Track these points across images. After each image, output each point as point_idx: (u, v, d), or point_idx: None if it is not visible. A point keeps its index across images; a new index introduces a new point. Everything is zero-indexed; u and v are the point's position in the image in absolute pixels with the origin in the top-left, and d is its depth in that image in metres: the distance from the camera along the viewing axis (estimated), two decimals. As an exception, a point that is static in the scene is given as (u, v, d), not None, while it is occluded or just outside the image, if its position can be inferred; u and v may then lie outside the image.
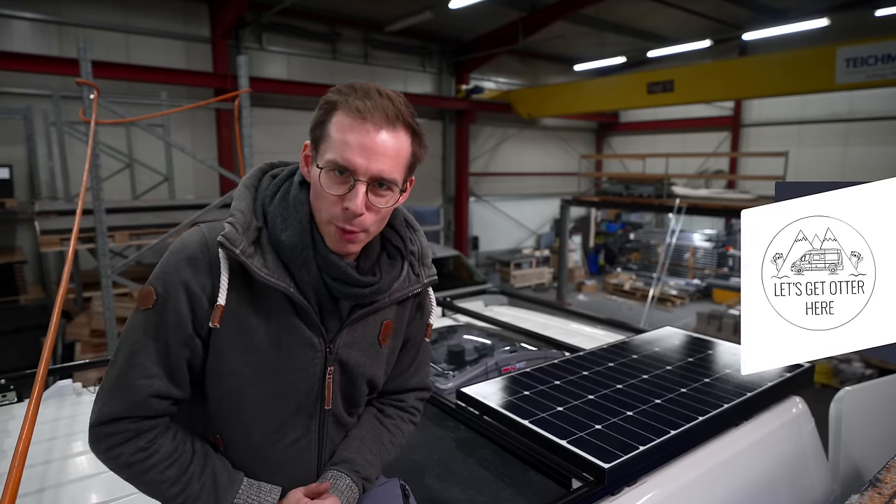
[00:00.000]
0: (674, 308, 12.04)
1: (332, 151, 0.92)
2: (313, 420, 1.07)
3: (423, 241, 1.16)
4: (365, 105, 0.91)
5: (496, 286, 7.09)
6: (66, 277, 2.00)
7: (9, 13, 7.84)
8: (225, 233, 0.93)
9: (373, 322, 1.09)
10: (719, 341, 2.18)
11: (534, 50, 13.57)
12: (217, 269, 0.95)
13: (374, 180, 0.93)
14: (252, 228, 0.97)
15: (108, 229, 4.21)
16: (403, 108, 0.95)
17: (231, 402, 1.01)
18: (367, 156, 0.91)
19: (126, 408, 0.94)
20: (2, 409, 1.92)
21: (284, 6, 9.61)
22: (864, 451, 1.90)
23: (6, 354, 4.82)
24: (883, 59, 7.38)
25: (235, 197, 1.01)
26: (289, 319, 0.99)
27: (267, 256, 0.97)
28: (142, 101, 7.65)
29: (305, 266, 0.97)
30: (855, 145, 12.05)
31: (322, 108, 0.95)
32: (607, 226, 16.52)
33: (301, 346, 1.01)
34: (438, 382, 2.00)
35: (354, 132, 0.91)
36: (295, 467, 1.07)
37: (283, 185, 1.04)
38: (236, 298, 0.96)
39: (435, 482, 1.38)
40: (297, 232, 0.97)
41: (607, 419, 1.52)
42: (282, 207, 1.00)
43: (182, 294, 0.94)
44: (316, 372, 1.03)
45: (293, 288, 0.97)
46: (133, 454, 0.94)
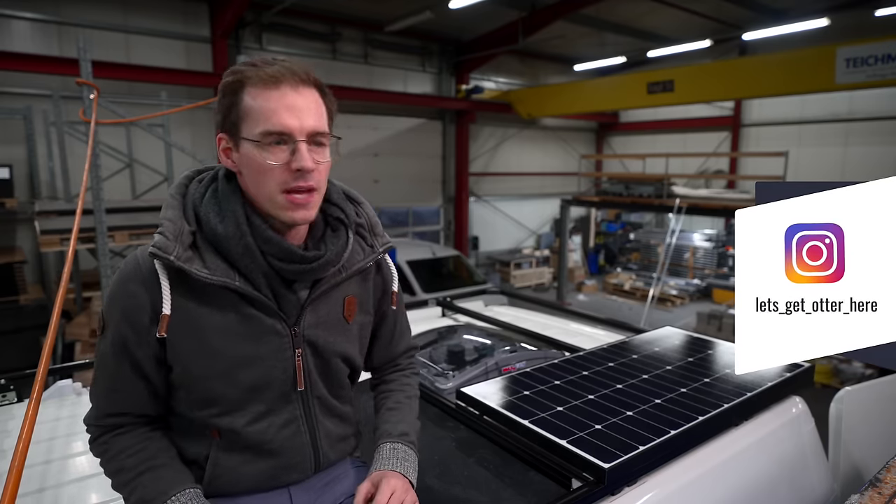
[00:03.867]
0: (674, 308, 12.04)
1: (261, 123, 0.92)
2: (296, 405, 1.08)
3: (370, 212, 1.17)
4: (274, 70, 0.93)
5: (496, 286, 7.09)
6: (66, 277, 2.00)
7: (9, 13, 7.84)
8: (155, 243, 0.93)
9: (334, 299, 1.09)
10: (719, 341, 2.18)
11: (534, 50, 13.57)
12: (156, 282, 0.94)
13: (310, 137, 0.95)
14: (185, 233, 0.96)
15: (108, 229, 4.21)
16: (308, 68, 0.97)
17: (209, 403, 1.02)
18: (296, 114, 0.93)
19: (92, 416, 1.04)
20: (2, 409, 1.92)
21: (284, 6, 9.60)
22: (864, 451, 1.90)
23: (6, 354, 4.83)
24: (883, 59, 7.37)
25: (163, 208, 1.00)
26: (244, 311, 0.99)
27: (206, 256, 0.96)
28: (142, 101, 7.65)
29: (249, 254, 0.97)
30: (855, 145, 12.05)
31: (227, 94, 0.96)
32: (607, 226, 16.51)
33: (265, 335, 1.01)
34: (438, 382, 2.00)
35: (275, 98, 0.92)
36: (288, 455, 1.09)
37: (211, 184, 1.04)
38: (184, 306, 0.96)
39: (435, 482, 1.38)
40: (232, 221, 0.97)
41: (607, 419, 1.51)
42: (213, 203, 1.00)
43: (120, 318, 0.96)
44: (287, 357, 1.04)
45: (239, 281, 0.97)
46: (100, 446, 1.03)
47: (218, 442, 1.05)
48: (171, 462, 1.03)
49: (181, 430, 1.09)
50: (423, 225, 13.52)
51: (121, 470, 1.00)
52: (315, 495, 1.14)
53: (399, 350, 1.30)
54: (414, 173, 13.16)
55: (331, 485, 1.17)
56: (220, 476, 1.06)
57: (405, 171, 13.01)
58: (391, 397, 1.25)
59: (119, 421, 1.03)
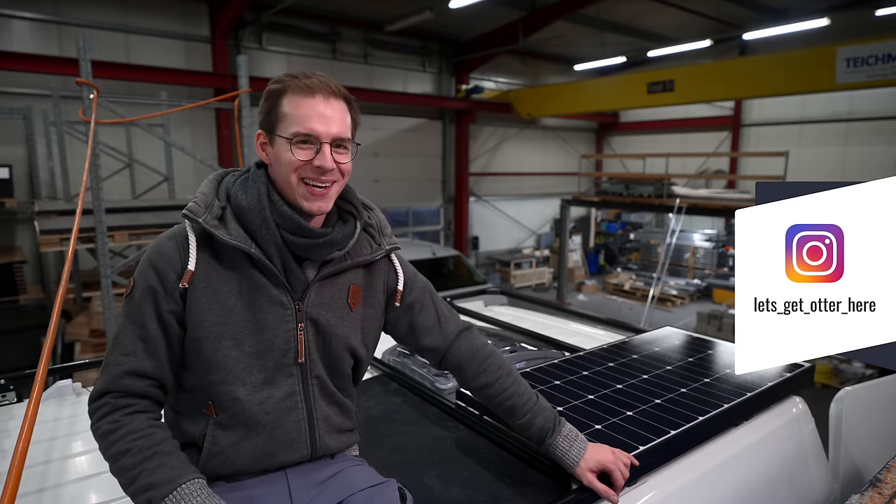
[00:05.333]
0: (674, 308, 12.05)
1: (295, 125, 1.08)
2: (295, 380, 1.15)
3: (382, 217, 1.31)
4: (312, 82, 1.10)
5: (496, 286, 7.08)
6: (66, 277, 2.00)
7: (9, 13, 7.84)
8: (188, 207, 1.08)
9: (340, 284, 1.20)
10: (719, 341, 2.18)
11: (534, 50, 13.57)
12: (185, 246, 1.08)
13: (334, 141, 1.10)
14: (215, 206, 1.11)
15: (107, 229, 4.21)
16: (340, 85, 1.14)
17: (213, 366, 1.08)
18: (325, 121, 1.09)
19: (107, 383, 1.05)
20: (2, 409, 1.92)
21: (284, 6, 9.61)
22: (864, 451, 1.90)
23: (6, 354, 4.83)
24: (883, 59, 7.38)
25: (198, 190, 1.15)
26: (256, 279, 1.11)
27: (230, 225, 1.10)
28: (142, 101, 7.65)
29: (265, 225, 1.10)
30: (855, 145, 12.05)
31: (271, 98, 1.11)
32: (607, 226, 16.52)
33: (271, 305, 1.11)
34: (438, 382, 2.00)
35: (309, 105, 1.09)
36: (284, 429, 1.13)
37: (245, 173, 1.19)
38: (206, 266, 1.08)
39: (435, 482, 1.38)
40: (255, 196, 1.11)
41: (607, 419, 1.52)
42: (242, 184, 1.15)
43: (152, 273, 1.07)
44: (289, 329, 1.13)
45: (254, 248, 1.09)
46: (108, 424, 1.02)
47: (215, 419, 1.10)
48: (176, 451, 1.04)
49: (180, 409, 1.14)
50: (423, 225, 13.53)
51: (127, 451, 1.00)
52: (314, 492, 1.14)
53: (451, 329, 1.34)
54: (414, 173, 13.17)
55: (330, 481, 1.17)
56: (216, 455, 1.10)
57: (405, 171, 13.01)
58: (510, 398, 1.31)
59: (132, 385, 1.05)
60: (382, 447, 1.55)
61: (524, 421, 1.30)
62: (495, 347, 1.38)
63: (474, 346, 1.34)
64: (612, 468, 1.26)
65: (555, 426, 1.30)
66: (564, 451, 1.28)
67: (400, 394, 1.92)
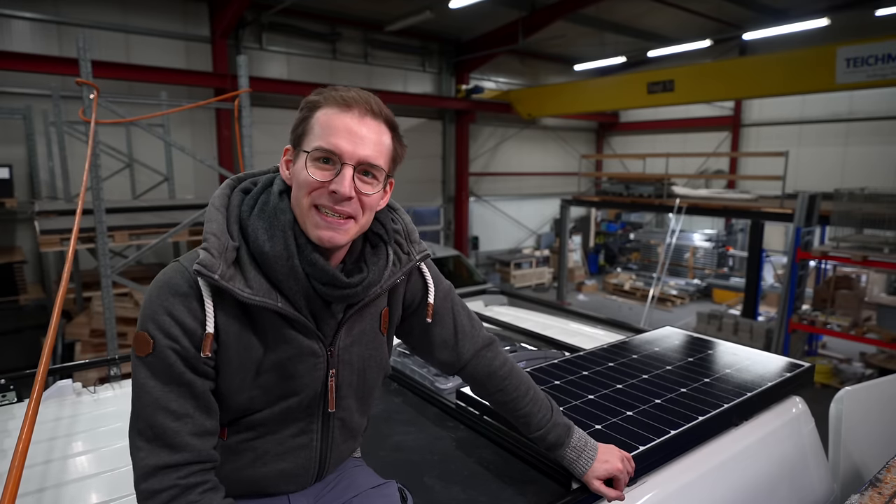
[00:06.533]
0: (674, 308, 12.04)
1: (319, 139, 0.94)
2: (315, 419, 1.09)
3: (406, 218, 1.16)
4: (349, 96, 0.95)
5: (496, 286, 7.08)
6: (66, 277, 2.00)
7: (9, 13, 7.84)
8: (200, 260, 0.90)
9: (369, 315, 1.10)
10: (719, 341, 2.18)
11: (534, 50, 13.57)
12: (199, 299, 0.92)
13: (361, 165, 0.95)
14: (229, 249, 0.94)
15: (108, 229, 4.21)
16: (384, 106, 0.99)
17: (238, 408, 1.02)
18: (353, 140, 0.93)
19: (169, 455, 0.90)
20: (2, 409, 1.92)
21: (284, 6, 9.60)
22: (864, 451, 1.90)
23: (6, 354, 4.83)
24: (883, 59, 7.37)
25: (206, 220, 0.97)
26: (285, 332, 0.99)
27: (249, 274, 0.94)
28: (142, 100, 7.65)
29: (293, 275, 0.96)
30: (855, 145, 12.05)
31: (304, 109, 0.98)
32: (607, 226, 16.51)
33: (301, 356, 1.01)
34: (438, 382, 2.00)
35: (340, 118, 0.94)
36: (293, 464, 1.09)
37: (261, 196, 1.01)
38: (229, 321, 0.94)
39: (435, 482, 1.38)
40: (281, 241, 0.95)
41: (607, 419, 1.52)
42: (262, 220, 0.97)
43: (176, 329, 0.91)
44: (319, 376, 1.04)
45: (281, 303, 0.96)
46: None
47: (224, 442, 1.04)
48: None
49: None
50: (423, 225, 13.52)
51: None
52: (315, 499, 1.14)
53: (464, 351, 1.25)
54: (414, 173, 13.16)
55: (331, 484, 1.17)
56: (222, 479, 1.04)
57: (405, 172, 12.98)
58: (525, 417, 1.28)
59: (201, 448, 0.93)
60: (382, 447, 1.55)
61: (536, 436, 1.29)
62: (515, 364, 1.31)
63: (492, 366, 1.26)
64: (619, 476, 1.26)
65: (566, 440, 1.28)
66: (572, 461, 1.28)
67: (400, 394, 1.92)
